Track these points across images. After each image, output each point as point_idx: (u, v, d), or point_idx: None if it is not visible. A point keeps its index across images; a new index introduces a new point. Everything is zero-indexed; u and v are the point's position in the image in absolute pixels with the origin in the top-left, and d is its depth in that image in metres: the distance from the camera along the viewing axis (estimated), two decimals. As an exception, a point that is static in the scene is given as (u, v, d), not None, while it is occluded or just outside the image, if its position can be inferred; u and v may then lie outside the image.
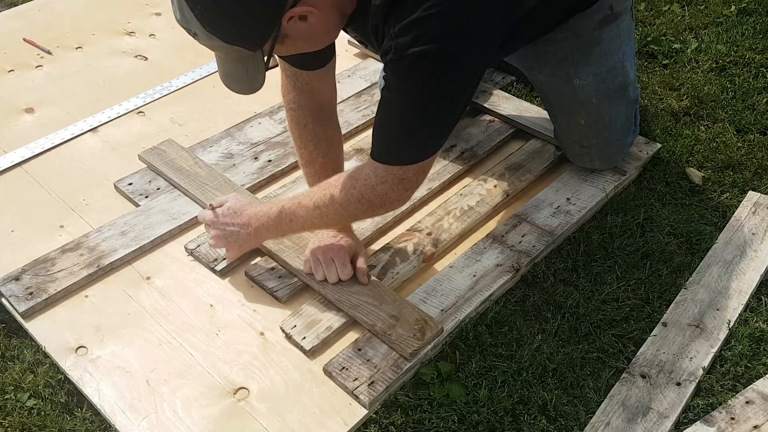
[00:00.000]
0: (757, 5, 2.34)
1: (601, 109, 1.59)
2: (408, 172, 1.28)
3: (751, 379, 1.33)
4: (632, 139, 1.72)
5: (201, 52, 2.18)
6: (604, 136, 1.63)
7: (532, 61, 1.60)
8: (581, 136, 1.64)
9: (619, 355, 1.37)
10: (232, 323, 1.43)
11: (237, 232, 1.43)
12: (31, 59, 2.15)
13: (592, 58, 1.53)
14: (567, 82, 1.56)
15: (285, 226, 1.40)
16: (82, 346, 1.38)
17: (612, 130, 1.63)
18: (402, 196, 1.32)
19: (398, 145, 1.28)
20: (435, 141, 1.29)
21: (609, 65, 1.55)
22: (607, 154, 1.67)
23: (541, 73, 1.60)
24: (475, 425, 1.26)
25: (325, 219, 1.36)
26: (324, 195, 1.34)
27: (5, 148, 1.83)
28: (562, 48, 1.53)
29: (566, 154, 1.74)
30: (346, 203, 1.32)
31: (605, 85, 1.56)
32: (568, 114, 1.63)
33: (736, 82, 2.03)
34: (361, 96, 1.98)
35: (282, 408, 1.28)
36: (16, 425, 1.26)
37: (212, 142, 1.82)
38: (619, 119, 1.63)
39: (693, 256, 1.56)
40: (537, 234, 1.57)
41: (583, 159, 1.70)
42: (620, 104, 1.61)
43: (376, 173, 1.29)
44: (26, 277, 1.47)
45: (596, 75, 1.54)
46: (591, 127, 1.61)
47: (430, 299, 1.45)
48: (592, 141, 1.64)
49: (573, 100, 1.59)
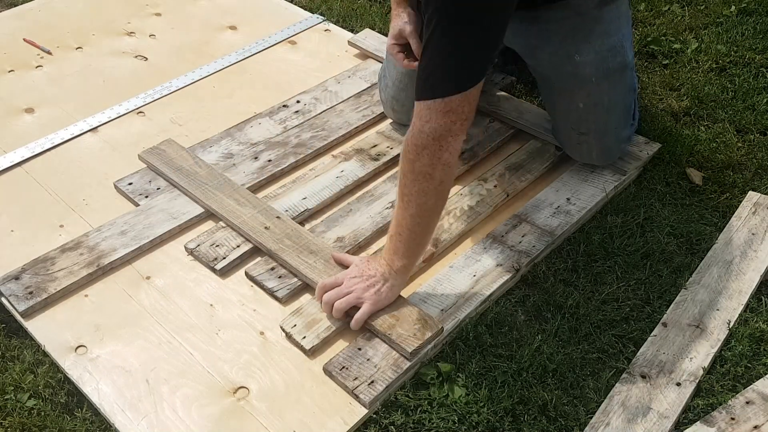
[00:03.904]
0: (757, 5, 2.34)
1: (601, 89, 1.60)
2: (451, 104, 1.28)
3: (751, 379, 1.33)
4: (630, 134, 1.72)
5: (201, 52, 2.19)
6: (603, 121, 1.63)
7: (535, 40, 1.62)
8: (580, 121, 1.64)
9: (619, 355, 1.37)
10: (232, 323, 1.43)
11: (374, 282, 1.38)
12: (31, 59, 2.15)
13: (592, 37, 1.56)
14: (568, 59, 1.58)
15: (401, 242, 1.37)
16: (82, 346, 1.38)
17: (611, 115, 1.63)
18: (453, 129, 1.29)
19: (434, 77, 1.29)
20: (470, 69, 1.29)
21: (609, 44, 1.57)
22: (605, 145, 1.67)
23: (543, 52, 1.62)
24: (475, 425, 1.26)
25: (414, 205, 1.33)
26: (400, 185, 1.34)
27: (5, 148, 1.83)
28: (563, 26, 1.56)
29: (564, 147, 1.74)
30: (411, 166, 1.31)
31: (605, 64, 1.58)
32: (568, 96, 1.63)
33: (736, 82, 2.03)
34: (361, 96, 1.98)
35: (282, 407, 1.28)
36: (16, 425, 1.25)
37: (212, 142, 1.82)
38: (618, 105, 1.64)
39: (693, 256, 1.56)
40: (537, 234, 1.57)
41: (581, 149, 1.69)
42: (619, 87, 1.62)
43: (420, 116, 1.30)
44: (26, 276, 1.47)
45: (597, 53, 1.57)
46: (590, 110, 1.62)
47: (430, 299, 1.45)
48: (591, 126, 1.63)
49: (573, 79, 1.60)
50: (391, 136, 1.84)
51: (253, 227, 1.55)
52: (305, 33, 2.28)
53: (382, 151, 1.79)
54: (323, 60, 2.16)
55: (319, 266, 1.47)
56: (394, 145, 1.81)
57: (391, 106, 1.83)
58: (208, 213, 1.63)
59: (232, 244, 1.55)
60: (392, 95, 1.80)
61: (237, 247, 1.54)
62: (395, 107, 1.82)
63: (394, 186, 1.69)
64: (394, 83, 1.78)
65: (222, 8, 2.40)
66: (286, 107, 1.95)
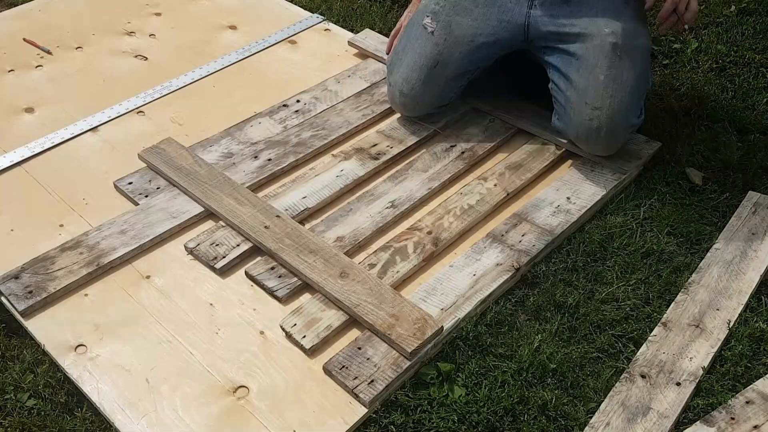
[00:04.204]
0: (757, 5, 2.34)
1: (622, 65, 1.66)
2: None
3: (751, 379, 1.33)
4: (637, 125, 1.74)
5: (201, 52, 2.19)
6: (619, 98, 1.65)
7: (566, 20, 1.71)
8: (597, 95, 1.66)
9: (619, 355, 1.37)
10: (232, 322, 1.43)
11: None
12: (31, 59, 2.15)
13: (622, 16, 1.68)
14: (598, 32, 1.67)
15: None
16: (82, 345, 1.38)
17: (626, 93, 1.66)
18: None
19: None
20: None
21: (636, 26, 1.69)
22: (614, 123, 1.66)
23: (573, 29, 1.70)
24: (475, 425, 1.26)
25: None
26: None
27: (5, 147, 1.83)
28: (594, 7, 1.69)
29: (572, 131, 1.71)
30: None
31: (631, 42, 1.67)
32: (589, 70, 1.67)
33: (736, 82, 2.03)
34: (360, 95, 1.98)
35: (282, 406, 1.28)
36: (16, 425, 1.25)
37: (212, 142, 1.82)
38: (633, 87, 1.67)
39: (693, 256, 1.56)
40: (537, 233, 1.57)
41: (591, 126, 1.67)
42: (638, 69, 1.68)
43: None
44: (26, 275, 1.47)
45: (624, 30, 1.67)
46: (609, 84, 1.65)
47: (430, 298, 1.45)
48: (606, 101, 1.65)
49: (599, 52, 1.67)
50: (391, 135, 1.84)
51: (252, 226, 1.55)
52: (305, 33, 2.28)
53: (382, 150, 1.79)
54: (323, 59, 2.16)
55: (318, 266, 1.47)
56: (394, 144, 1.81)
57: (399, 88, 1.81)
58: (208, 212, 1.63)
59: (232, 243, 1.55)
60: (404, 77, 1.79)
61: (237, 246, 1.54)
62: (404, 89, 1.80)
63: (394, 185, 1.70)
64: (408, 64, 1.78)
65: (222, 8, 2.40)
66: (286, 106, 1.95)
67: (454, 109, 1.91)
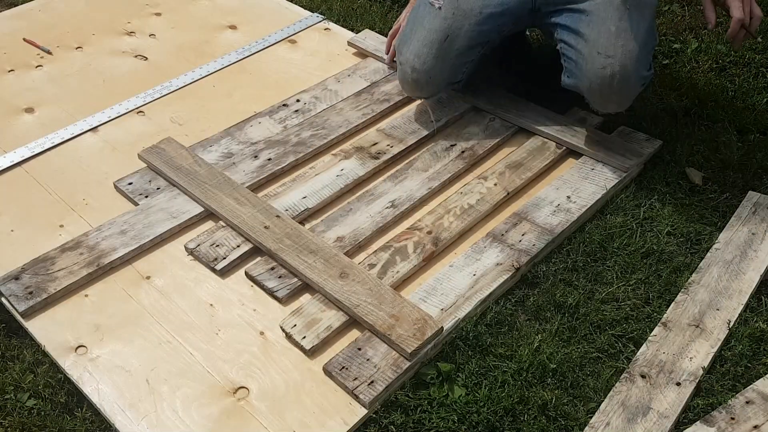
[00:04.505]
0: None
1: (631, 17, 1.67)
2: None
3: (751, 379, 1.33)
4: (648, 77, 1.73)
5: (201, 52, 2.19)
6: (630, 48, 1.67)
7: None
8: (609, 44, 1.67)
9: (619, 355, 1.37)
10: (232, 323, 1.43)
11: None
12: (31, 59, 2.15)
13: None
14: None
15: None
16: (82, 346, 1.38)
17: (636, 44, 1.68)
18: None
19: None
20: None
21: None
22: (627, 71, 1.66)
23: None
24: (475, 425, 1.26)
25: None
26: None
27: (5, 148, 1.83)
28: None
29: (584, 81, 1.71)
30: None
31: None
32: (600, 22, 1.69)
33: (736, 82, 2.03)
34: (360, 95, 1.98)
35: (282, 407, 1.28)
36: (16, 425, 1.26)
37: (212, 142, 1.82)
38: (642, 39, 1.68)
39: (693, 256, 1.56)
40: (537, 233, 1.57)
41: (604, 74, 1.67)
42: (645, 24, 1.69)
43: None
44: (26, 276, 1.47)
45: None
46: (620, 34, 1.67)
47: (430, 298, 1.45)
48: (618, 50, 1.66)
49: (609, 5, 1.68)
50: (391, 134, 1.84)
51: (252, 227, 1.55)
52: (305, 32, 2.28)
53: (383, 149, 1.79)
54: (323, 59, 2.16)
55: (318, 266, 1.47)
56: (394, 144, 1.81)
57: (411, 64, 1.79)
58: (208, 212, 1.63)
59: (232, 243, 1.55)
60: (415, 52, 1.79)
61: (237, 246, 1.54)
62: (416, 65, 1.79)
63: (394, 185, 1.70)
64: (418, 39, 1.78)
65: (222, 8, 2.40)
66: (286, 106, 1.95)
67: (455, 108, 1.91)
